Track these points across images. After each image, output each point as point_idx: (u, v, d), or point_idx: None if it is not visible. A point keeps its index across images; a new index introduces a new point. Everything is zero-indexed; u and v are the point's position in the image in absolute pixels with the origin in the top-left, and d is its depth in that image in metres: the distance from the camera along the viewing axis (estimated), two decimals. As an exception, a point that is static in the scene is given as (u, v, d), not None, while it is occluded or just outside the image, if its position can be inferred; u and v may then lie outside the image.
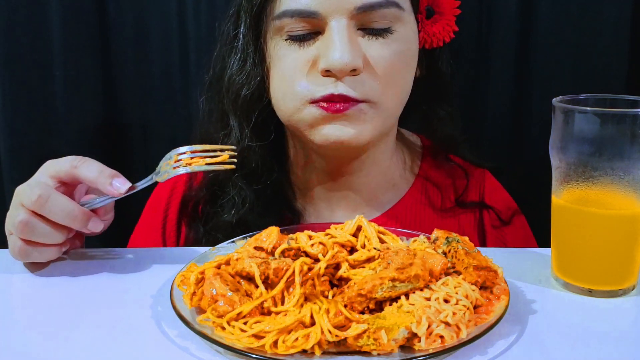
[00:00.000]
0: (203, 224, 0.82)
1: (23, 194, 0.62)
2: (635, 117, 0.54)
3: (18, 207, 0.63)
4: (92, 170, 0.64)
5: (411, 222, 0.85)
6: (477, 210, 0.87)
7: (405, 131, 0.93)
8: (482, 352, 0.49)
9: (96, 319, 0.55)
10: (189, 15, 1.14)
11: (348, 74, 0.70)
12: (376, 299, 0.51)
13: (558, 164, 0.59)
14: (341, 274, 0.55)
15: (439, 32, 0.79)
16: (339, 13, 0.70)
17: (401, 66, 0.74)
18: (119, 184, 0.64)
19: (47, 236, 0.63)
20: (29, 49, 1.12)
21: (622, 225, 0.57)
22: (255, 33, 0.76)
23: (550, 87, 1.11)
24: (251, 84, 0.77)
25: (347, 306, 0.51)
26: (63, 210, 0.62)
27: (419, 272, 0.52)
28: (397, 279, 0.51)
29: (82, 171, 0.63)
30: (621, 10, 1.08)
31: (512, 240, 0.86)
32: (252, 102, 0.78)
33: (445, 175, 0.89)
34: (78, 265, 0.68)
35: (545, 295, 0.59)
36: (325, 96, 0.71)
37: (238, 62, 0.78)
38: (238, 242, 0.66)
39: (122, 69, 1.18)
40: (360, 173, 0.83)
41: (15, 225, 0.62)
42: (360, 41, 0.72)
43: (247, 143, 0.79)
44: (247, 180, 0.80)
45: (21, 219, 0.61)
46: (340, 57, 0.69)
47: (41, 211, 0.61)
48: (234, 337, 0.48)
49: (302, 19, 0.71)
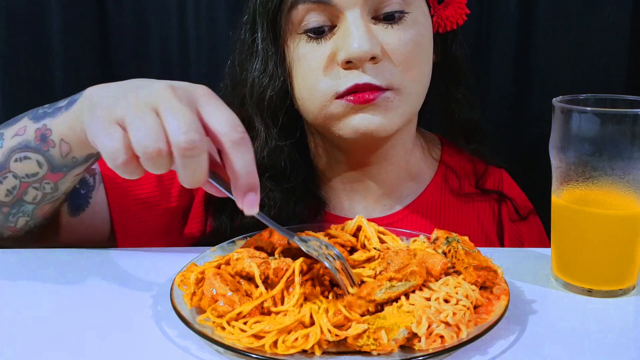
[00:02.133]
0: (229, 220, 0.81)
1: (165, 114, 0.49)
2: (635, 117, 0.54)
3: (149, 120, 0.48)
4: (244, 162, 0.50)
5: (434, 214, 0.85)
6: (496, 203, 0.88)
7: (423, 130, 0.94)
8: (482, 352, 0.49)
9: (96, 319, 0.55)
10: (189, 15, 1.14)
11: (368, 62, 0.71)
12: (375, 302, 0.51)
13: (558, 164, 0.59)
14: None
15: (452, 16, 0.79)
16: (352, 2, 0.71)
17: (418, 51, 0.75)
18: (251, 204, 0.51)
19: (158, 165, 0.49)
20: (29, 49, 1.12)
21: (622, 225, 0.57)
22: (273, 35, 0.77)
23: (550, 87, 1.11)
24: (275, 84, 0.77)
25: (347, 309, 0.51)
26: (196, 176, 0.49)
27: (415, 269, 0.52)
28: (394, 277, 0.51)
29: (237, 155, 0.50)
30: (621, 10, 1.08)
31: (529, 238, 0.87)
32: (277, 102, 0.78)
33: (466, 162, 0.90)
34: (78, 265, 0.68)
35: (545, 295, 0.59)
36: (350, 87, 0.71)
37: (260, 66, 0.78)
38: (238, 242, 0.66)
39: (122, 69, 1.18)
40: (381, 165, 0.83)
41: (143, 146, 0.48)
42: (376, 30, 0.73)
43: (276, 143, 0.79)
44: (276, 181, 0.80)
45: (155, 146, 0.48)
46: (359, 45, 0.69)
47: (178, 160, 0.48)
48: (234, 337, 0.48)
49: (316, 5, 0.72)
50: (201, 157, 0.48)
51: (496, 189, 0.89)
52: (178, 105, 0.50)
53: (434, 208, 0.85)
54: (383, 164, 0.83)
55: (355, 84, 0.71)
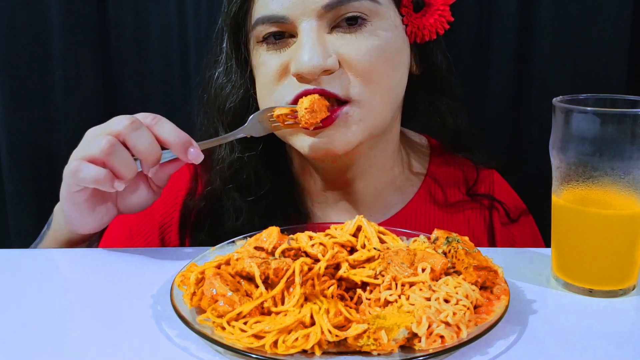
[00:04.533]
0: (206, 234, 0.81)
1: (109, 124, 0.65)
2: (635, 117, 0.54)
3: (99, 137, 0.64)
4: (168, 131, 0.66)
5: (419, 224, 0.84)
6: (486, 209, 0.87)
7: (410, 131, 0.92)
8: (482, 352, 0.49)
9: (96, 319, 0.55)
10: (189, 15, 1.14)
11: (323, 75, 0.69)
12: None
13: (558, 164, 0.59)
14: (341, 274, 0.55)
15: (431, 25, 0.76)
16: (307, 15, 0.70)
17: (382, 62, 0.72)
18: (195, 156, 0.66)
19: (124, 164, 0.64)
20: (29, 49, 1.12)
21: (622, 225, 0.57)
22: (236, 44, 0.77)
23: (550, 87, 1.11)
24: (236, 95, 0.77)
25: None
26: (150, 144, 0.64)
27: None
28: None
29: (160, 129, 0.65)
30: (621, 10, 1.08)
31: (521, 240, 0.86)
32: (237, 113, 0.78)
33: (455, 170, 0.88)
34: (78, 264, 0.68)
35: (545, 295, 0.59)
36: (298, 94, 0.70)
37: (222, 75, 0.79)
38: (238, 242, 0.66)
39: (122, 69, 1.18)
40: (361, 177, 0.82)
41: (101, 144, 0.63)
42: (334, 39, 0.71)
43: (237, 155, 0.79)
44: (240, 192, 0.80)
45: (108, 139, 0.63)
46: (309, 59, 0.68)
47: (130, 136, 0.64)
48: (234, 337, 0.48)
49: (273, 24, 0.71)
50: (142, 129, 0.65)
51: (487, 193, 0.88)
52: (116, 120, 0.66)
53: (418, 220, 0.84)
54: (361, 177, 0.82)
55: (305, 90, 0.69)
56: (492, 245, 0.85)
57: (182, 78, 1.17)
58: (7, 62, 1.12)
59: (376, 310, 0.52)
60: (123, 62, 1.17)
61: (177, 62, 1.17)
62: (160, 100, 1.18)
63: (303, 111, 0.69)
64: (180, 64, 1.17)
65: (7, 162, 1.15)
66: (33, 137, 1.15)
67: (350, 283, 0.55)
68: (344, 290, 0.55)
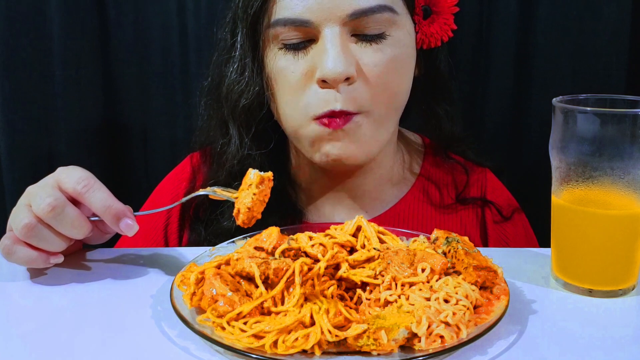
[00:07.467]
0: (204, 228, 0.82)
1: (34, 198, 0.60)
2: (635, 117, 0.54)
3: (26, 208, 0.61)
4: (98, 202, 0.61)
5: (413, 219, 0.85)
6: (479, 207, 0.87)
7: (406, 130, 0.93)
8: (482, 352, 0.49)
9: (96, 319, 0.55)
10: (189, 15, 1.14)
11: (343, 83, 0.71)
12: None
13: (558, 164, 0.59)
14: (341, 274, 0.55)
15: (437, 32, 0.78)
16: (332, 21, 0.70)
17: (394, 71, 0.74)
18: (127, 228, 0.62)
19: (49, 243, 0.61)
20: (29, 49, 1.12)
21: (622, 225, 0.57)
22: (252, 42, 0.76)
23: (550, 87, 1.11)
24: (250, 93, 0.76)
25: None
26: (73, 225, 0.61)
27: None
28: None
29: (88, 200, 0.61)
30: (621, 10, 1.08)
31: (514, 238, 0.86)
32: (251, 112, 0.77)
33: (446, 173, 0.89)
34: (78, 265, 0.68)
35: (545, 295, 0.59)
36: (327, 113, 0.71)
37: (236, 71, 0.78)
38: (238, 242, 0.66)
39: (122, 69, 1.18)
40: (362, 175, 0.83)
41: (19, 226, 0.60)
42: (354, 47, 0.72)
43: (247, 152, 0.79)
44: None
45: (27, 222, 0.60)
46: (334, 66, 0.69)
47: (50, 221, 0.60)
48: (234, 337, 0.48)
49: (295, 27, 0.71)
50: (64, 212, 0.60)
51: (479, 194, 0.88)
52: (38, 188, 0.62)
53: (411, 215, 0.85)
54: (362, 175, 0.83)
55: (332, 111, 0.71)
56: (485, 243, 0.86)
57: (182, 78, 1.17)
58: (7, 62, 1.11)
59: (376, 311, 0.52)
60: (123, 62, 1.17)
61: (177, 62, 1.17)
62: (160, 100, 1.18)
63: (250, 199, 0.61)
64: (180, 64, 1.17)
65: (7, 162, 1.15)
66: (33, 136, 1.15)
67: (350, 283, 0.56)
68: (344, 291, 0.55)
